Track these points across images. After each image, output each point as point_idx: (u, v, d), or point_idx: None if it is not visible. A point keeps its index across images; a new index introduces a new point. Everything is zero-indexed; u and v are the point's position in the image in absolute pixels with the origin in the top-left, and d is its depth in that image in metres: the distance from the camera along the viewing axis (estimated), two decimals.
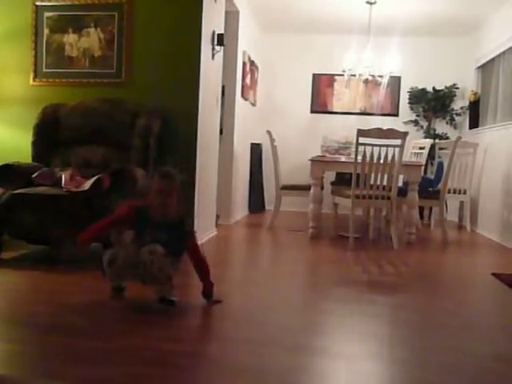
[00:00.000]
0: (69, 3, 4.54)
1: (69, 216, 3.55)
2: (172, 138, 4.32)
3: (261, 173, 7.66)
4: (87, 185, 3.58)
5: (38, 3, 4.57)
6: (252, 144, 7.32)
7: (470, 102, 7.16)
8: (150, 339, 2.29)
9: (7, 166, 3.83)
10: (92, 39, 4.54)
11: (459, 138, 5.66)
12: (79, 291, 3.03)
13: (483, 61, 6.74)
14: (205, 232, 4.80)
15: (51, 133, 4.27)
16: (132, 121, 4.18)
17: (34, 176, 3.80)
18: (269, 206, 7.38)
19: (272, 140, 5.98)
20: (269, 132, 6.01)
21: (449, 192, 5.84)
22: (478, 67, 7.01)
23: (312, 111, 7.91)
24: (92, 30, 4.54)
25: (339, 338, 2.51)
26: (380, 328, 2.67)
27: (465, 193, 6.20)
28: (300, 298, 3.20)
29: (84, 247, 2.96)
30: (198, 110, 4.38)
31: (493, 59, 6.41)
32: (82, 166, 4.08)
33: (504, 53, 6.00)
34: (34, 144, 4.29)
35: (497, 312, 3.13)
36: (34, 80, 4.62)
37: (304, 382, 1.97)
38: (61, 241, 3.71)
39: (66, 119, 4.29)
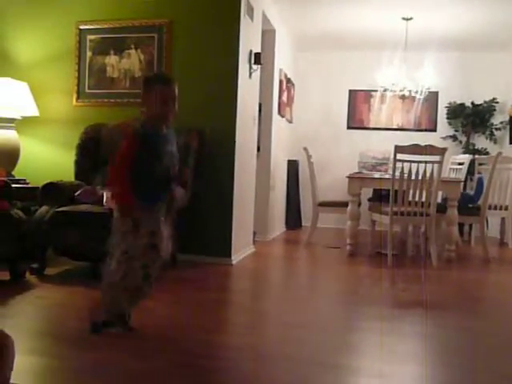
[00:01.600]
0: (110, 26, 4.68)
1: (110, 233, 3.62)
2: (210, 156, 4.39)
3: (297, 189, 7.66)
4: None
5: (81, 27, 4.73)
6: (289, 161, 7.35)
7: (510, 117, 7.03)
8: (188, 355, 2.32)
9: (51, 184, 3.95)
10: (132, 60, 4.67)
11: (500, 153, 5.56)
12: None
13: None
14: (242, 248, 4.83)
15: (93, 152, 4.39)
16: None
17: (76, 194, 3.91)
18: (306, 222, 7.36)
19: (309, 157, 5.99)
20: (305, 149, 6.03)
21: (489, 208, 5.73)
22: None
23: (349, 127, 7.90)
24: (132, 51, 4.67)
25: (377, 358, 2.49)
26: (418, 347, 2.64)
27: (506, 209, 6.06)
28: (338, 316, 3.18)
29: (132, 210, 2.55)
30: (235, 128, 4.44)
31: None
32: None
33: None
34: (77, 163, 4.42)
35: None
36: (77, 101, 4.77)
37: None
38: (103, 257, 3.79)
39: (107, 139, 4.39)
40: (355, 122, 7.89)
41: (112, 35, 4.68)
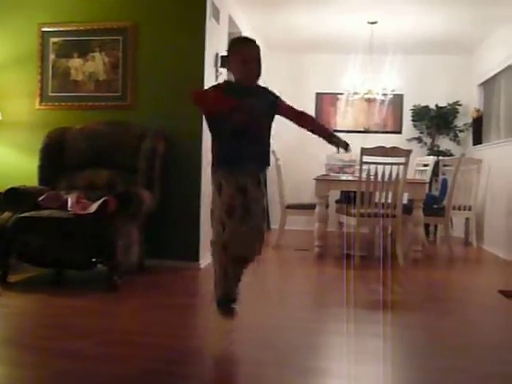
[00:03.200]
0: (74, 28, 4.61)
1: (75, 239, 3.57)
2: (177, 160, 4.36)
3: (265, 192, 7.65)
4: (93, 207, 3.60)
5: (44, 29, 4.64)
6: None
7: (473, 119, 7.18)
8: (157, 361, 2.29)
9: (14, 190, 3.87)
10: (97, 63, 4.60)
11: (463, 154, 5.68)
12: (85, 314, 3.04)
13: (485, 78, 6.77)
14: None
15: (57, 156, 4.32)
16: (137, 143, 4.22)
17: (40, 199, 3.83)
18: (274, 225, 7.36)
19: (276, 159, 6.00)
20: (273, 151, 6.03)
21: (454, 208, 5.84)
22: (480, 84, 7.05)
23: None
24: (97, 54, 4.61)
25: (344, 359, 2.50)
26: (385, 348, 2.66)
27: (470, 209, 6.19)
28: (306, 318, 3.19)
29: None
30: (202, 131, 4.41)
31: (494, 76, 6.45)
32: (87, 188, 4.12)
33: (505, 70, 6.04)
34: (41, 167, 4.34)
35: (503, 330, 3.11)
36: (40, 104, 4.68)
37: None
38: (67, 264, 3.73)
39: (72, 143, 4.33)
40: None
41: (76, 38, 4.61)
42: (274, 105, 2.60)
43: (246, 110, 2.41)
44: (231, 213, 2.47)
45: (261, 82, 2.59)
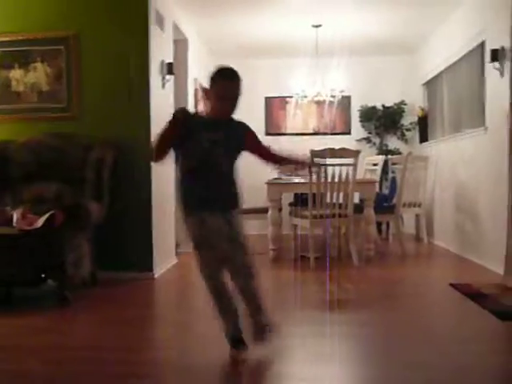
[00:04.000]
0: (14, 38, 4.48)
1: (22, 255, 3.46)
2: (126, 169, 4.30)
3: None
4: (40, 222, 3.50)
5: None
6: None
7: (419, 117, 7.35)
8: (109, 378, 2.24)
9: None
10: (39, 74, 4.49)
11: (410, 153, 5.81)
12: (34, 332, 2.95)
13: (428, 77, 6.95)
14: (164, 261, 4.75)
15: (1, 171, 4.19)
16: (84, 154, 4.13)
17: None
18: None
19: None
20: None
21: (404, 206, 5.95)
22: (424, 83, 7.23)
23: (267, 133, 7.96)
24: (39, 64, 4.49)
25: (304, 362, 2.51)
26: (343, 347, 2.68)
27: (419, 206, 6.32)
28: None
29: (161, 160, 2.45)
30: (150, 139, 4.35)
31: (437, 76, 6.63)
32: (34, 202, 3.99)
33: (447, 69, 6.21)
34: None
35: (456, 323, 3.18)
36: None
37: None
38: (16, 281, 3.61)
39: (16, 156, 4.21)
40: (273, 127, 7.98)
41: (15, 48, 4.48)
42: (241, 138, 2.59)
43: (204, 145, 2.42)
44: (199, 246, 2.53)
45: None
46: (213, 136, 2.45)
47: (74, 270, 3.55)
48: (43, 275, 3.51)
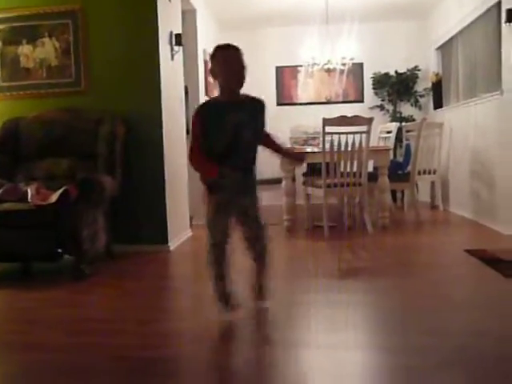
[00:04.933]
0: (20, 14, 4.45)
1: (38, 230, 3.49)
2: (138, 142, 4.29)
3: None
4: (54, 197, 3.52)
5: None
6: None
7: (433, 83, 7.23)
8: (126, 348, 2.27)
9: None
10: (47, 49, 4.46)
11: (424, 119, 5.72)
12: (53, 305, 2.98)
13: (442, 41, 6.81)
14: (179, 234, 4.77)
15: (13, 148, 4.20)
16: (95, 128, 4.13)
17: None
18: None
19: None
20: None
21: (419, 173, 5.90)
22: (438, 48, 7.09)
23: (278, 104, 7.90)
24: (47, 39, 4.46)
25: (320, 329, 2.52)
26: (360, 316, 2.68)
27: (434, 173, 6.26)
28: (279, 291, 3.19)
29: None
30: (161, 111, 4.34)
31: (451, 39, 6.49)
32: (47, 178, 4.01)
33: (461, 32, 6.07)
34: None
35: (472, 288, 3.17)
36: None
37: (291, 374, 1.97)
38: (33, 256, 3.65)
39: (27, 133, 4.21)
40: (284, 98, 7.91)
41: (22, 23, 4.45)
42: (260, 111, 2.62)
43: (229, 130, 2.43)
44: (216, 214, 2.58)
45: None
46: (235, 118, 2.46)
47: (89, 244, 3.57)
48: (59, 250, 3.55)
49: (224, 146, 2.47)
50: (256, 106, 2.60)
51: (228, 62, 2.46)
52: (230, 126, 2.44)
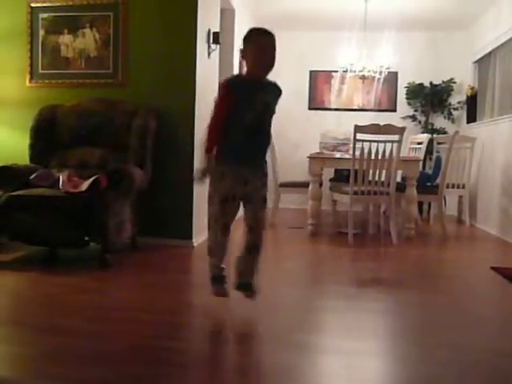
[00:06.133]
0: (63, 4, 4.53)
1: (67, 217, 3.55)
2: (169, 137, 4.33)
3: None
4: (85, 185, 3.58)
5: (33, 5, 4.56)
6: None
7: (468, 97, 7.15)
8: (145, 338, 2.30)
9: (5, 168, 3.84)
10: (87, 40, 4.54)
11: (457, 132, 5.66)
12: (77, 291, 3.03)
13: (480, 55, 6.73)
14: (204, 231, 4.77)
15: (48, 134, 4.28)
16: (129, 121, 4.18)
17: (31, 177, 3.81)
18: (268, 203, 7.36)
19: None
20: None
21: (447, 187, 5.84)
22: (475, 61, 7.01)
23: (310, 108, 7.90)
24: (87, 30, 4.54)
25: (340, 335, 2.51)
26: (380, 324, 2.67)
27: (463, 187, 6.19)
28: (300, 296, 3.19)
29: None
30: (194, 108, 4.37)
31: (489, 53, 6.41)
32: (79, 167, 4.08)
33: (500, 47, 6.00)
34: (32, 146, 4.30)
35: (495, 306, 3.13)
36: (30, 81, 4.61)
37: (307, 378, 1.97)
38: (59, 242, 3.71)
39: (63, 120, 4.29)
40: (316, 102, 7.90)
41: (65, 13, 4.53)
42: (276, 99, 2.65)
43: (257, 108, 2.50)
44: (226, 201, 2.61)
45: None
46: (264, 98, 2.53)
47: (115, 233, 3.62)
48: (86, 238, 3.60)
49: (250, 123, 2.52)
50: (276, 92, 2.65)
51: (263, 51, 2.51)
52: (259, 104, 2.51)
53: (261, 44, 2.51)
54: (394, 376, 2.04)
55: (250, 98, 2.50)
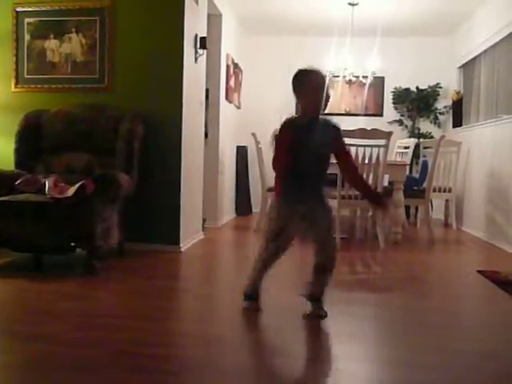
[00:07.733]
0: (49, 8, 4.51)
1: (53, 223, 3.52)
2: (156, 142, 4.31)
3: (247, 175, 7.64)
4: (71, 191, 3.55)
5: (18, 9, 4.53)
6: (238, 147, 7.32)
7: (453, 101, 7.21)
8: (131, 345, 2.28)
9: None
10: (74, 44, 4.52)
11: (443, 136, 5.70)
12: (63, 298, 3.01)
13: (465, 60, 6.79)
14: (191, 236, 4.79)
15: (34, 140, 4.25)
16: (115, 126, 4.16)
17: (17, 183, 3.77)
18: (256, 208, 7.36)
19: (257, 142, 5.97)
20: (254, 134, 6.00)
21: (434, 191, 5.87)
22: (460, 66, 7.07)
23: (297, 113, 7.90)
24: (73, 35, 4.51)
25: (327, 340, 2.51)
26: (366, 328, 2.67)
27: (450, 191, 6.24)
28: (286, 300, 3.19)
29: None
30: (181, 113, 4.37)
31: (474, 58, 6.47)
32: (65, 172, 4.05)
33: (485, 52, 6.06)
34: (17, 151, 4.26)
35: (483, 309, 3.15)
36: (15, 86, 4.58)
37: None
38: (46, 248, 3.68)
39: (49, 126, 4.26)
40: None
41: (51, 18, 4.51)
42: (333, 138, 2.69)
43: (310, 152, 2.58)
44: (277, 236, 2.75)
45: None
46: (318, 139, 2.59)
47: (102, 239, 3.60)
48: (73, 244, 3.58)
49: (308, 164, 2.60)
50: (332, 131, 2.70)
51: (319, 90, 2.58)
52: (315, 145, 2.58)
53: (318, 85, 2.58)
54: (380, 381, 2.04)
55: (306, 140, 2.57)
